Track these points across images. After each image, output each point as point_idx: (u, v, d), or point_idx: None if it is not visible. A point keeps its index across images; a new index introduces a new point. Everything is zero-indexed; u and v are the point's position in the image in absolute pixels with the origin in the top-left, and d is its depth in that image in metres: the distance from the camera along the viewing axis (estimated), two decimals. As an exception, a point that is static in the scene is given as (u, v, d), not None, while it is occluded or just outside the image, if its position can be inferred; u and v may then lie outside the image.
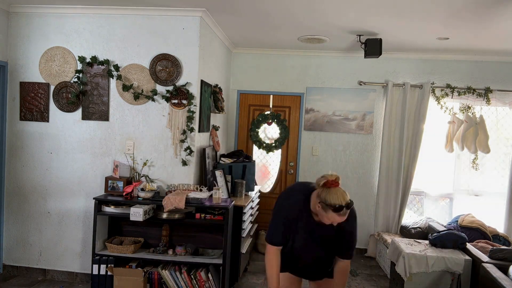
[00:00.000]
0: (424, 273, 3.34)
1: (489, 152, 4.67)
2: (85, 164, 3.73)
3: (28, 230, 3.84)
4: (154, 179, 3.66)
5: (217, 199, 3.36)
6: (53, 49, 3.70)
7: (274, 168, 5.31)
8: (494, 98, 4.72)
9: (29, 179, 3.80)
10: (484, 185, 4.94)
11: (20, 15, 3.73)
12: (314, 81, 5.06)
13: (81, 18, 3.67)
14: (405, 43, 4.33)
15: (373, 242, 4.89)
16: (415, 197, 5.11)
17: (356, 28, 3.86)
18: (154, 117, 3.65)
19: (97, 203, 3.38)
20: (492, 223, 4.54)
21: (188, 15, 3.54)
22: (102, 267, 3.34)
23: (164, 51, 3.59)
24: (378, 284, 4.07)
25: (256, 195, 4.43)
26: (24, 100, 3.75)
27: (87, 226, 3.75)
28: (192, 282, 3.34)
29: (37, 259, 3.84)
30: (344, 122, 5.02)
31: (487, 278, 2.88)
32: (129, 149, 3.68)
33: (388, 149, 4.86)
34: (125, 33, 3.64)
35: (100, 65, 3.65)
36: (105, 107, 3.68)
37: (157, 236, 3.62)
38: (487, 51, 4.51)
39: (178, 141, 3.60)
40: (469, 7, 3.08)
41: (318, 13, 3.45)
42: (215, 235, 3.59)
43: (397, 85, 4.84)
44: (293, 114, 5.15)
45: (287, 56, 5.08)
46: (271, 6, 3.32)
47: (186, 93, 3.56)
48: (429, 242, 3.65)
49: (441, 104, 4.78)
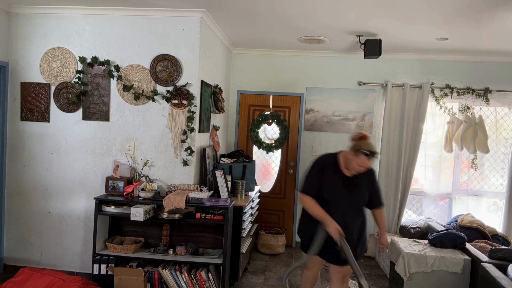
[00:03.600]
0: (424, 273, 3.36)
1: (488, 152, 4.68)
2: (86, 164, 3.74)
3: (28, 230, 3.85)
4: (154, 179, 3.67)
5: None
6: (53, 49, 3.72)
7: (274, 168, 5.32)
8: (493, 99, 4.73)
9: (30, 179, 3.81)
10: (483, 185, 4.95)
11: (20, 15, 3.74)
12: (314, 82, 5.07)
13: (81, 18, 3.69)
14: (404, 43, 4.35)
15: (373, 242, 4.90)
16: (415, 197, 5.12)
17: (355, 29, 3.87)
18: (154, 117, 3.66)
19: (97, 203, 3.39)
20: (491, 223, 4.56)
21: (188, 16, 3.56)
22: (102, 266, 3.36)
23: (165, 52, 3.61)
24: (378, 284, 4.08)
25: (256, 195, 4.44)
26: (25, 100, 3.77)
27: (87, 226, 3.76)
28: (193, 281, 3.35)
29: (37, 259, 3.85)
30: (344, 122, 5.03)
31: (486, 277, 2.89)
32: (129, 149, 3.69)
33: (388, 149, 4.87)
34: (126, 33, 3.65)
35: (101, 66, 3.66)
36: (105, 107, 3.70)
37: (157, 236, 3.63)
38: (486, 52, 4.53)
39: (179, 141, 3.61)
40: (468, 8, 3.10)
41: (318, 14, 3.46)
42: (215, 235, 3.60)
43: (397, 86, 4.85)
44: (293, 114, 5.16)
45: (287, 56, 5.10)
46: (271, 7, 3.34)
47: (186, 94, 3.57)
48: (428, 242, 3.67)
49: (441, 104, 4.80)
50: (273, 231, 4.98)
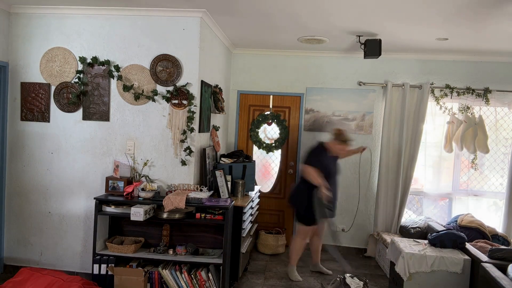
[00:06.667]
0: (424, 273, 3.36)
1: (488, 152, 4.68)
2: (86, 164, 3.75)
3: (29, 230, 3.85)
4: (154, 179, 3.67)
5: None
6: (53, 49, 3.72)
7: (274, 168, 5.32)
8: (493, 99, 4.73)
9: (30, 179, 3.82)
10: (483, 185, 4.96)
11: (21, 15, 3.74)
12: (314, 82, 5.08)
13: (81, 18, 3.69)
14: (404, 43, 4.35)
15: (373, 242, 4.90)
16: (414, 197, 5.12)
17: (355, 29, 3.87)
18: (154, 118, 3.66)
19: (97, 203, 3.39)
20: (491, 223, 4.57)
21: (188, 16, 3.56)
22: (102, 266, 3.36)
23: (165, 52, 3.61)
24: (378, 284, 4.09)
25: (256, 195, 4.44)
26: (25, 100, 3.77)
27: (87, 226, 3.76)
28: (193, 281, 3.35)
29: (38, 259, 3.85)
30: (344, 122, 5.03)
31: (486, 277, 2.89)
32: (129, 149, 3.69)
33: (388, 149, 4.87)
34: (126, 33, 3.65)
35: (101, 66, 3.66)
36: (105, 107, 3.70)
37: (157, 236, 3.63)
38: (486, 52, 4.53)
39: (179, 141, 3.62)
40: (468, 8, 3.10)
41: (317, 14, 3.47)
42: (215, 235, 3.60)
43: (397, 86, 4.85)
44: (293, 115, 5.17)
45: (287, 56, 5.10)
46: (271, 7, 3.34)
47: (186, 94, 3.57)
48: (428, 242, 3.67)
49: (441, 104, 4.80)
50: (273, 231, 4.98)
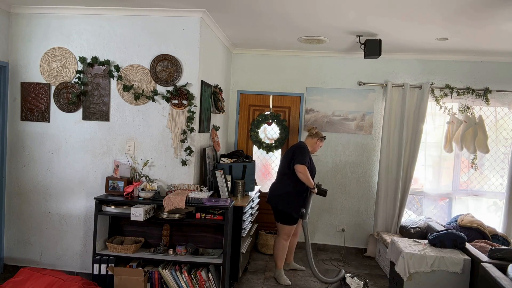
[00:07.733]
0: (424, 273, 3.36)
1: (488, 152, 4.68)
2: (86, 164, 3.75)
3: (29, 230, 3.85)
4: (154, 179, 3.67)
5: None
6: (53, 49, 3.72)
7: (274, 168, 5.32)
8: (493, 99, 4.73)
9: (30, 179, 3.82)
10: (483, 185, 4.96)
11: (20, 15, 3.74)
12: (314, 82, 5.08)
13: (81, 18, 3.69)
14: (404, 43, 4.35)
15: (373, 242, 4.90)
16: (414, 197, 5.12)
17: (355, 29, 3.87)
18: (154, 118, 3.67)
19: (97, 203, 3.39)
20: (491, 223, 4.57)
21: (188, 16, 3.56)
22: (102, 266, 3.36)
23: (165, 52, 3.61)
24: (378, 284, 4.09)
25: (256, 195, 4.44)
26: (25, 100, 3.77)
27: (87, 226, 3.76)
28: (193, 281, 3.35)
29: (38, 259, 3.85)
30: (344, 122, 5.03)
31: (486, 277, 2.89)
32: (129, 149, 3.69)
33: (388, 149, 4.87)
34: (126, 33, 3.65)
35: (101, 66, 3.67)
36: (105, 107, 3.70)
37: (157, 236, 3.63)
38: (486, 52, 4.53)
39: (179, 141, 3.62)
40: (468, 8, 3.10)
41: (317, 14, 3.47)
42: (215, 235, 3.60)
43: (397, 86, 4.86)
44: (293, 115, 5.17)
45: (287, 56, 5.10)
46: (271, 7, 3.34)
47: (186, 94, 3.57)
48: (428, 242, 3.67)
49: (441, 104, 4.80)
50: (273, 231, 4.97)
